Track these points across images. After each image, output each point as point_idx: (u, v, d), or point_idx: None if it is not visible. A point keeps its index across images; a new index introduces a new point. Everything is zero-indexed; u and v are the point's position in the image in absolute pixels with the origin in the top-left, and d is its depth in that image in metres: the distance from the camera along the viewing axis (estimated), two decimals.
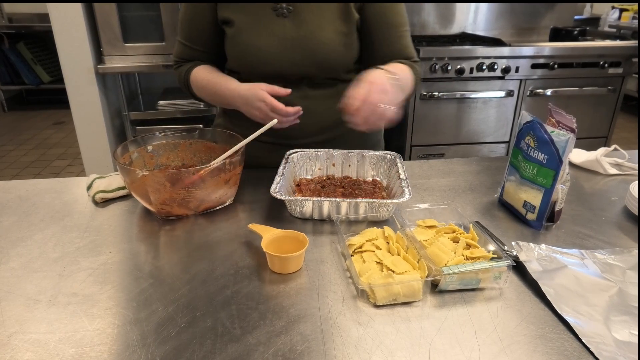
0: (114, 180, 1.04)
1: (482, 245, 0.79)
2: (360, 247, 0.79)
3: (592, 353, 0.61)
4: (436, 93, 2.52)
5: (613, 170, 1.18)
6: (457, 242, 0.80)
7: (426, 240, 0.80)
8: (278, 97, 1.01)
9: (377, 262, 0.74)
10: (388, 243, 0.79)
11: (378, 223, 0.89)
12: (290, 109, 1.00)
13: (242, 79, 1.10)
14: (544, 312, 0.68)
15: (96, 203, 1.00)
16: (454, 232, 0.83)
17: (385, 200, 0.90)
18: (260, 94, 1.00)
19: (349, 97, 0.90)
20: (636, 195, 0.95)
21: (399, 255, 0.75)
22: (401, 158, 1.08)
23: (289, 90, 1.02)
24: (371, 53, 1.15)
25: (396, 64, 1.11)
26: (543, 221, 0.90)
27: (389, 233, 0.81)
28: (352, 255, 0.76)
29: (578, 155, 1.23)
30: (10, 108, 4.86)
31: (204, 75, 1.14)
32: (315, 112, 1.13)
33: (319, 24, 1.08)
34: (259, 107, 1.01)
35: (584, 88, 2.66)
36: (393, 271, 0.70)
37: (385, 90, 0.90)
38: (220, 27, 1.12)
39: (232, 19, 1.09)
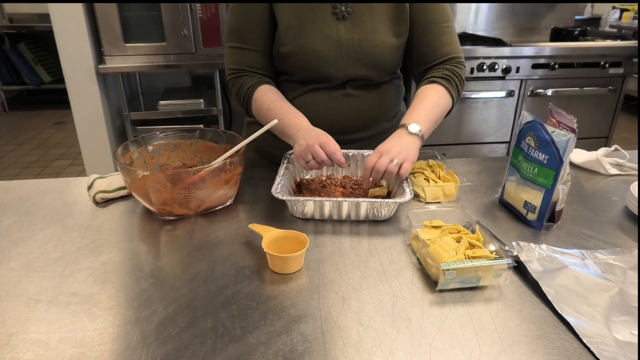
0: (115, 180, 1.04)
1: (483, 245, 0.79)
2: (413, 173, 1.09)
3: (592, 353, 0.61)
4: None
5: (614, 171, 1.18)
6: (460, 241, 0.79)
7: (429, 239, 0.80)
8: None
9: (425, 179, 1.05)
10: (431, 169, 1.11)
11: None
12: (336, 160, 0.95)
13: (285, 79, 1.13)
14: (544, 313, 0.68)
15: (97, 203, 1.01)
16: (458, 232, 0.83)
17: (386, 200, 0.90)
18: (314, 149, 0.95)
19: (367, 165, 0.94)
20: (637, 195, 0.95)
21: (438, 177, 1.07)
22: None
23: (342, 161, 0.96)
24: (411, 51, 1.16)
25: (430, 93, 1.07)
26: (544, 221, 0.90)
27: (432, 163, 1.12)
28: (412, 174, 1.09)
29: (579, 156, 1.23)
30: (11, 108, 4.86)
31: (270, 98, 1.08)
32: (356, 110, 1.15)
33: (373, 27, 1.08)
34: (307, 158, 0.96)
35: (585, 88, 2.66)
36: (435, 181, 1.04)
37: (399, 152, 0.94)
38: (274, 26, 1.09)
39: (285, 17, 1.06)
